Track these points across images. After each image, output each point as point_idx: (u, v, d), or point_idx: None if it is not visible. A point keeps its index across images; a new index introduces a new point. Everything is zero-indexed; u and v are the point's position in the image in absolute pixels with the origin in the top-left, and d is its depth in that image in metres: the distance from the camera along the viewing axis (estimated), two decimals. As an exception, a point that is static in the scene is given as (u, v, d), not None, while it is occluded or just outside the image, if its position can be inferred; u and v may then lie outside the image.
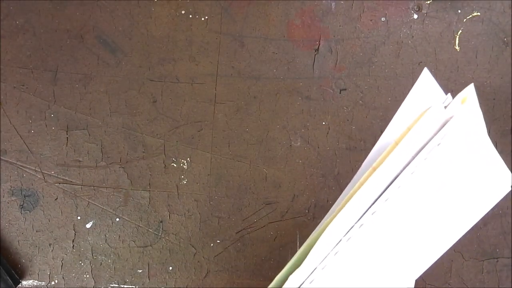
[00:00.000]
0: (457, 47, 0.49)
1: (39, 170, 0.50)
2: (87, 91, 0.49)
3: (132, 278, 0.50)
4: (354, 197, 0.34)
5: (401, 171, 0.35)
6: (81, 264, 0.50)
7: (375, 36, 0.49)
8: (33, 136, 0.50)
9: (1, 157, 0.50)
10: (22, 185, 0.50)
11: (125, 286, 0.50)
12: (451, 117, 0.34)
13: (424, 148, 0.34)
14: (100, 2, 0.49)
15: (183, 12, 0.49)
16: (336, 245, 0.35)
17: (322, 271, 0.35)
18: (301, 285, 0.35)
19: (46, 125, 0.50)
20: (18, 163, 0.50)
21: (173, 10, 0.49)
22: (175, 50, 0.49)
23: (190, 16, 0.49)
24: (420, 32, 0.48)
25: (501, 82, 0.49)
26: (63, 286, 0.50)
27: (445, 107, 0.35)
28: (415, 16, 0.49)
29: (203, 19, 0.49)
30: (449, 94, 0.36)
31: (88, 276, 0.50)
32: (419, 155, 0.34)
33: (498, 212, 0.49)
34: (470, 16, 0.49)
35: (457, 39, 0.49)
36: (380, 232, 0.36)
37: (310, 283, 0.35)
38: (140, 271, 0.49)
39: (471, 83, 0.49)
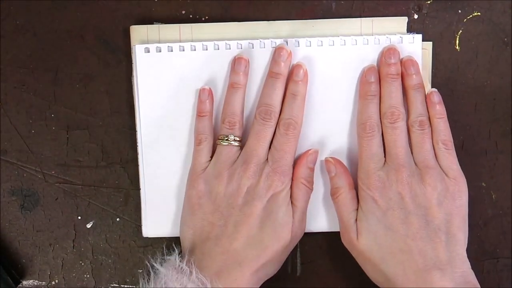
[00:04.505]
0: (457, 47, 0.49)
1: (40, 170, 0.50)
2: (88, 91, 0.49)
3: (132, 278, 0.50)
4: None
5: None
6: (81, 264, 0.50)
7: (375, 36, 0.49)
8: (33, 136, 0.50)
9: (1, 157, 0.50)
10: (22, 185, 0.50)
11: (126, 286, 0.50)
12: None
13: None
14: (100, 2, 0.49)
15: (183, 12, 0.49)
16: None
17: None
18: None
19: (46, 125, 0.50)
20: (18, 163, 0.50)
21: (174, 10, 0.49)
22: (175, 50, 0.49)
23: (191, 16, 0.49)
24: (420, 32, 0.48)
25: (501, 82, 0.49)
26: (64, 286, 0.50)
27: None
28: (415, 16, 0.49)
29: (203, 19, 0.49)
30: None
31: (88, 276, 0.50)
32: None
33: (498, 212, 0.50)
34: (470, 16, 0.49)
35: (457, 39, 0.49)
36: None
37: None
38: (141, 271, 0.49)
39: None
